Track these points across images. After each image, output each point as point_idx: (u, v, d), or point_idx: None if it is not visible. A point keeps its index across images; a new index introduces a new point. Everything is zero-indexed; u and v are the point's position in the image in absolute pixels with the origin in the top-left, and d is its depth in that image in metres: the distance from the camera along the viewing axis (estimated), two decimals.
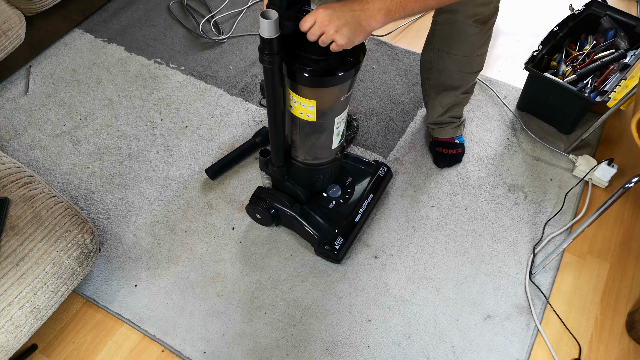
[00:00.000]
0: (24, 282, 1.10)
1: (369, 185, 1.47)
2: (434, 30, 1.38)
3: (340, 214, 1.41)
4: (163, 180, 1.60)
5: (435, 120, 1.59)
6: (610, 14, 1.71)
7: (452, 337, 1.31)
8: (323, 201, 1.43)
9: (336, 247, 1.36)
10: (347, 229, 1.40)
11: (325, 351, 1.28)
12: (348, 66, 1.03)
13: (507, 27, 2.09)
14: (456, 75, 1.43)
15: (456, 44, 1.35)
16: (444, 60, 1.40)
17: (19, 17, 1.68)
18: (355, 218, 1.41)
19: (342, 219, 1.40)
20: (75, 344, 1.31)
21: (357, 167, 1.50)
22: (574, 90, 1.55)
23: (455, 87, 1.47)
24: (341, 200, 1.44)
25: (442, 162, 1.62)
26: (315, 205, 1.42)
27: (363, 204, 1.44)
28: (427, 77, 1.50)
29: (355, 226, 1.41)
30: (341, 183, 1.46)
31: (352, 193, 1.45)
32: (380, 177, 1.49)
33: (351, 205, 1.43)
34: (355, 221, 1.41)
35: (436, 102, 1.54)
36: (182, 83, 1.85)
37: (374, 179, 1.48)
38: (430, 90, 1.53)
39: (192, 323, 1.32)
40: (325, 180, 1.41)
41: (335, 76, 1.04)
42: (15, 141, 1.69)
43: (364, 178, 1.48)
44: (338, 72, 1.03)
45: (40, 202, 1.21)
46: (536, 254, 1.45)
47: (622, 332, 1.33)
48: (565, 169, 1.62)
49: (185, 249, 1.45)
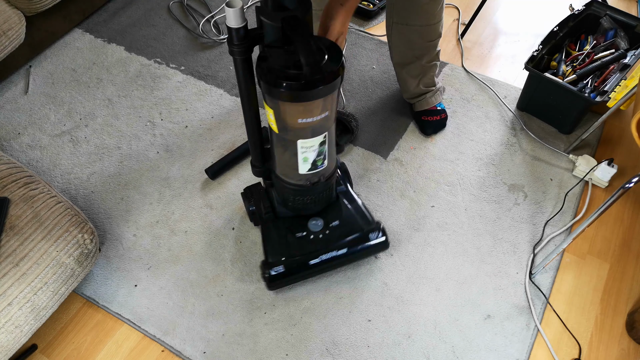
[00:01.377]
0: (24, 282, 1.10)
1: (348, 240, 1.33)
2: (391, 5, 1.46)
3: (302, 247, 1.31)
4: (163, 180, 1.60)
5: (412, 93, 1.68)
6: (610, 14, 1.71)
7: (452, 337, 1.31)
8: (297, 227, 1.33)
9: (272, 273, 1.29)
10: (295, 264, 1.30)
11: (325, 351, 1.28)
12: (296, 85, 0.94)
13: (507, 27, 2.09)
14: (417, 45, 1.51)
15: (412, 15, 1.43)
16: (404, 33, 1.48)
17: (19, 17, 1.68)
18: (311, 260, 1.31)
19: (300, 253, 1.31)
20: (75, 344, 1.31)
21: (353, 216, 1.36)
22: (574, 90, 1.55)
23: (419, 57, 1.55)
24: (313, 236, 1.32)
25: (429, 129, 1.70)
26: (287, 226, 1.34)
27: (329, 253, 1.31)
28: (392, 54, 1.60)
29: (306, 268, 1.31)
30: (326, 221, 1.34)
31: (329, 237, 1.33)
32: (367, 239, 1.34)
33: (318, 247, 1.32)
34: (309, 263, 1.31)
35: (406, 75, 1.62)
36: (182, 83, 1.85)
37: (359, 238, 1.34)
38: (397, 66, 1.63)
39: (192, 323, 1.32)
40: (299, 204, 1.30)
41: (280, 88, 0.95)
42: (15, 141, 1.69)
43: (350, 231, 1.34)
44: (284, 84, 0.95)
45: (40, 202, 1.21)
46: (536, 254, 1.45)
47: (622, 332, 1.33)
48: (565, 169, 1.62)
49: (185, 249, 1.45)
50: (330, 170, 1.25)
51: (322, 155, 1.15)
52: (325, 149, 1.15)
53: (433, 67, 1.62)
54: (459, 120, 1.74)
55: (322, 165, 1.18)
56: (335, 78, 0.98)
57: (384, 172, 1.61)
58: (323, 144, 1.13)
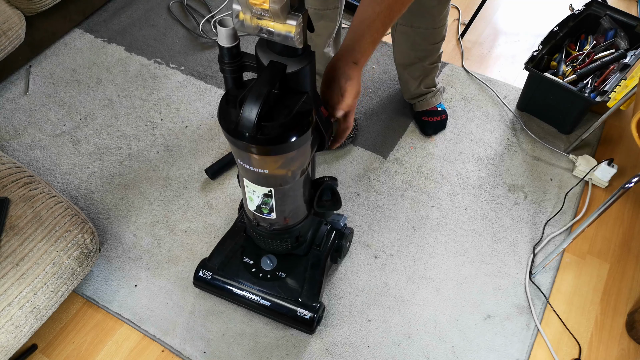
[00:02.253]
0: (24, 282, 1.10)
1: (279, 297, 1.26)
2: None
3: (239, 273, 1.28)
4: (163, 180, 1.60)
5: (413, 93, 1.68)
6: (610, 14, 1.71)
7: (452, 337, 1.31)
8: (252, 253, 1.30)
9: (199, 274, 1.30)
10: (222, 282, 1.29)
11: (325, 351, 1.28)
12: (224, 124, 0.88)
13: (507, 27, 2.09)
14: (421, 47, 1.51)
15: (417, 18, 1.42)
16: (408, 35, 1.48)
17: (19, 17, 1.68)
18: (236, 289, 1.27)
19: (233, 276, 1.28)
20: (75, 344, 1.31)
21: (303, 282, 1.26)
22: (574, 90, 1.55)
23: (421, 59, 1.55)
24: (256, 269, 1.28)
25: (429, 130, 1.70)
26: (245, 245, 1.31)
27: (255, 296, 1.26)
28: (395, 55, 1.60)
29: (229, 292, 1.28)
30: (278, 267, 1.28)
31: (267, 282, 1.27)
32: (294, 311, 1.24)
33: (251, 283, 1.27)
34: (233, 290, 1.28)
35: (408, 76, 1.63)
36: (182, 83, 1.85)
37: (289, 303, 1.25)
38: (399, 67, 1.63)
39: (192, 323, 1.32)
40: (254, 232, 1.21)
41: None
42: (15, 141, 1.69)
43: (289, 292, 1.26)
44: (220, 109, 0.91)
45: (40, 202, 1.21)
46: (536, 254, 1.45)
47: (622, 332, 1.33)
48: (565, 169, 1.62)
49: (185, 249, 1.45)
50: (281, 226, 1.15)
51: (267, 205, 1.06)
52: (272, 203, 1.05)
53: (435, 69, 1.62)
54: (459, 120, 1.74)
55: (269, 215, 1.09)
56: (265, 144, 0.86)
57: (384, 172, 1.61)
58: (269, 196, 1.04)
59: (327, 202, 1.18)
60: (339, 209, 1.21)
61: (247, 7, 0.78)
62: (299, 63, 0.86)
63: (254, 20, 0.80)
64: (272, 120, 0.86)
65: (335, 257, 1.34)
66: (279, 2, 0.74)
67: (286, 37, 0.80)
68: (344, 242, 1.33)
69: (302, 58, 0.87)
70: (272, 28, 0.80)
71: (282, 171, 0.97)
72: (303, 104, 0.89)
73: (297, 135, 0.87)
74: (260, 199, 1.05)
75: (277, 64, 0.85)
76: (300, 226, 1.18)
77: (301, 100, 0.89)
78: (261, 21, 0.80)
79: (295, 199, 1.10)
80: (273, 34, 0.81)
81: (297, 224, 1.17)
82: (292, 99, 0.89)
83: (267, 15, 0.77)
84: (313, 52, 0.88)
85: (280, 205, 1.07)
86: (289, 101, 0.89)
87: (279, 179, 1.00)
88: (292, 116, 0.87)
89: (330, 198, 1.17)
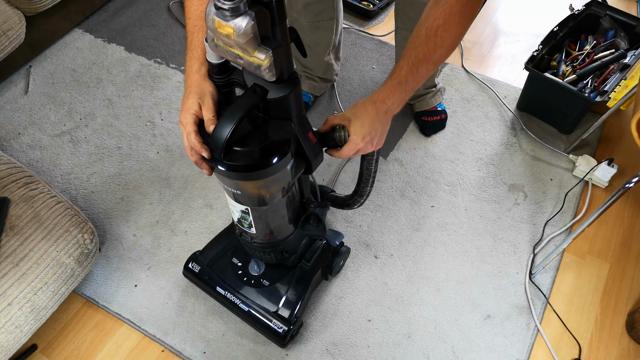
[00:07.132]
0: (24, 282, 1.10)
1: (257, 304, 1.24)
2: (397, 11, 1.46)
3: (226, 273, 1.28)
4: (163, 180, 1.60)
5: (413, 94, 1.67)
6: (610, 14, 1.71)
7: (452, 337, 1.31)
8: (241, 255, 1.29)
9: (189, 265, 1.31)
10: (208, 277, 1.28)
11: (325, 351, 1.28)
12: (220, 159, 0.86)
13: (507, 27, 2.09)
14: None
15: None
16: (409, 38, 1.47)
17: (19, 17, 1.68)
18: (220, 288, 1.26)
19: (220, 274, 1.28)
20: (75, 344, 1.31)
21: (285, 293, 1.23)
22: (574, 90, 1.55)
23: None
24: (242, 272, 1.27)
25: (429, 130, 1.70)
26: (237, 247, 1.30)
27: (237, 298, 1.25)
28: (397, 56, 1.62)
29: (213, 289, 1.28)
30: (264, 274, 1.26)
31: (250, 287, 1.25)
32: (269, 320, 1.21)
33: (235, 285, 1.26)
34: (217, 289, 1.27)
35: None
36: (182, 83, 1.85)
37: (266, 312, 1.23)
38: None
39: (192, 323, 1.32)
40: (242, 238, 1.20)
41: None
42: (15, 141, 1.69)
43: (269, 300, 1.24)
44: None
45: (40, 202, 1.21)
46: (536, 254, 1.45)
47: (622, 332, 1.33)
48: (565, 169, 1.62)
49: (185, 249, 1.45)
50: (263, 241, 1.13)
51: (246, 220, 1.05)
52: (250, 219, 1.04)
53: None
54: (459, 120, 1.74)
55: (249, 229, 1.08)
56: (231, 170, 0.84)
57: (384, 172, 1.61)
58: (246, 213, 1.02)
59: (311, 228, 1.15)
60: (323, 235, 1.19)
61: (217, 35, 0.74)
62: (281, 90, 0.82)
63: (226, 46, 0.77)
64: (245, 145, 0.83)
65: (326, 274, 1.32)
66: (243, 37, 0.71)
67: (258, 67, 0.76)
68: (337, 259, 1.30)
69: (285, 86, 0.82)
70: (242, 57, 0.77)
71: (258, 192, 0.95)
72: (283, 131, 0.86)
73: (264, 166, 0.84)
74: (239, 214, 1.04)
75: (259, 88, 0.82)
76: (285, 242, 1.16)
77: (282, 128, 0.86)
78: (232, 48, 0.76)
79: (276, 219, 1.07)
80: (245, 63, 0.77)
81: (281, 240, 1.15)
82: (275, 126, 0.87)
83: (235, 45, 0.74)
84: (298, 79, 0.84)
85: (260, 223, 1.05)
86: (271, 127, 0.86)
87: (254, 199, 0.97)
88: (264, 144, 0.84)
89: (315, 225, 1.15)
